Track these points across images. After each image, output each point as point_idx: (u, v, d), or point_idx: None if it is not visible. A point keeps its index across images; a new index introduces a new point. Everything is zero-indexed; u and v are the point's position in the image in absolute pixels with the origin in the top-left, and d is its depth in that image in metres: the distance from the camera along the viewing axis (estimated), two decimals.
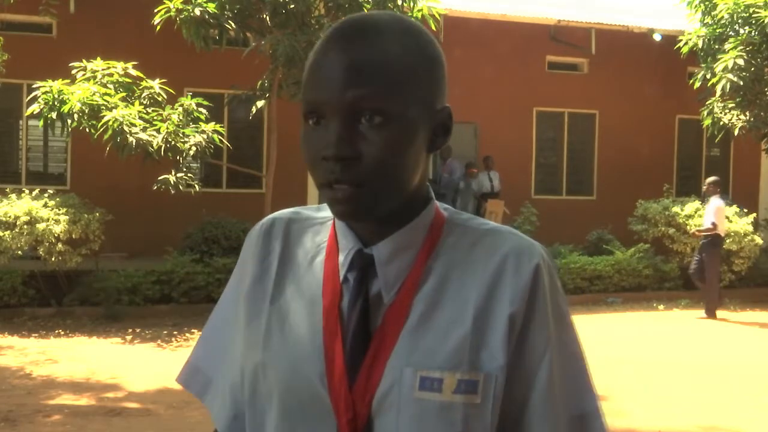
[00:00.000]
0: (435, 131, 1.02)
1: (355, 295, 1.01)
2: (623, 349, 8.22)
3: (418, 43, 1.01)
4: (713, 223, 10.18)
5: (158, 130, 8.43)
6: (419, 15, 9.31)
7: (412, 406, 0.96)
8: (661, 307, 10.96)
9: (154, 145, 8.34)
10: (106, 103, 8.31)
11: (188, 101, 8.83)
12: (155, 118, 8.59)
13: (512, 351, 1.00)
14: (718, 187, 10.63)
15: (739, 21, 11.38)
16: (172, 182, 8.69)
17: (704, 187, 11.00)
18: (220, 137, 8.93)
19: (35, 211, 8.95)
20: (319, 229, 1.09)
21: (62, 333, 8.54)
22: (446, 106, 1.03)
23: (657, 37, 13.31)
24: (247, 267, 1.11)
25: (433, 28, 9.60)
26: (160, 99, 8.92)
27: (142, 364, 7.15)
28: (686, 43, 11.81)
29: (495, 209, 12.66)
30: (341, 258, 1.04)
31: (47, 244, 8.88)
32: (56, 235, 8.84)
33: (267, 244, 1.10)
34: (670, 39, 12.69)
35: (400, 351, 0.98)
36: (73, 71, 8.66)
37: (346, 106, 0.95)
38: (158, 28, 8.62)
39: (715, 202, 10.39)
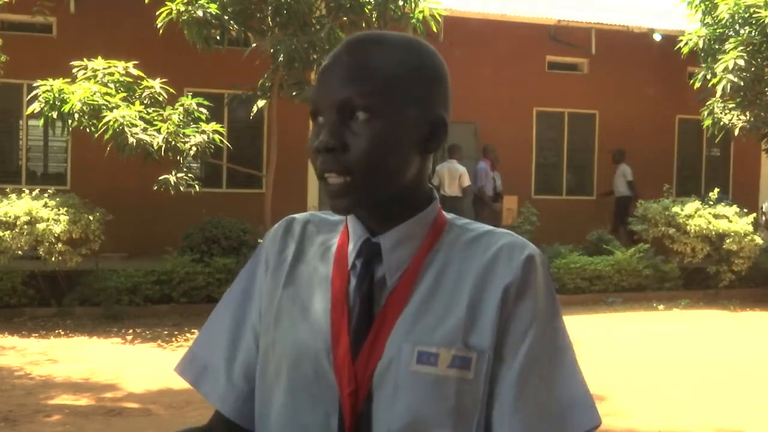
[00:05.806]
0: (427, 135, 1.10)
1: (361, 278, 1.10)
2: (623, 349, 8.23)
3: (417, 54, 1.11)
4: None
5: (158, 130, 8.43)
6: (420, 16, 9.30)
7: (408, 378, 1.03)
8: (661, 307, 10.95)
9: (155, 145, 8.33)
10: (106, 102, 8.30)
11: (189, 101, 8.83)
12: (156, 118, 8.58)
13: (499, 329, 1.05)
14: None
15: (740, 21, 11.37)
16: (172, 182, 8.69)
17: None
18: (220, 137, 8.93)
19: (35, 211, 8.94)
20: (333, 228, 1.19)
21: (62, 333, 8.54)
22: (440, 114, 1.10)
23: (657, 37, 13.31)
24: (260, 261, 1.20)
25: (434, 28, 9.61)
26: (160, 99, 8.92)
27: (142, 364, 7.15)
28: (686, 44, 11.81)
29: (511, 205, 12.79)
30: (350, 247, 1.13)
31: (47, 244, 8.86)
32: (56, 235, 8.83)
33: (285, 239, 1.20)
34: (670, 39, 12.69)
35: (399, 329, 1.06)
36: (74, 70, 8.66)
37: (338, 103, 1.06)
38: (161, 31, 8.62)
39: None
